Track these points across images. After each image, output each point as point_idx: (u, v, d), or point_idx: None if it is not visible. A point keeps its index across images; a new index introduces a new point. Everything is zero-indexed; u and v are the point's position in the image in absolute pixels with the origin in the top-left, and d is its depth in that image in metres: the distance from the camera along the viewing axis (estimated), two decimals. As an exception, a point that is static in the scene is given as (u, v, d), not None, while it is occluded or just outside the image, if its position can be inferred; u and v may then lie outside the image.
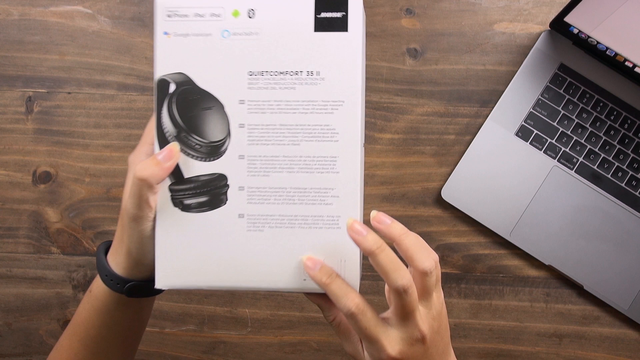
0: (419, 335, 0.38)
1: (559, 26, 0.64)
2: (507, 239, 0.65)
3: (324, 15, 0.41)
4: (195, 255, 0.42)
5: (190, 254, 0.42)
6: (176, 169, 0.41)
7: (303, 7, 0.41)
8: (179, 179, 0.42)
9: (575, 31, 0.63)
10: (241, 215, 0.41)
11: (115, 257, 0.43)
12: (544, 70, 0.66)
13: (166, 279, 0.42)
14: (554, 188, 0.65)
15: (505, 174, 0.65)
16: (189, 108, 0.41)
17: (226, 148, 0.41)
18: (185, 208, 0.42)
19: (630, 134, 0.65)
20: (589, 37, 0.63)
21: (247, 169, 0.41)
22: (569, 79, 0.66)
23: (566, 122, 0.65)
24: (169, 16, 0.41)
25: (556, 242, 0.64)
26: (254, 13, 0.41)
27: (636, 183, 0.65)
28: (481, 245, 0.66)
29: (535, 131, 0.65)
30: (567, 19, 0.63)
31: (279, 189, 0.41)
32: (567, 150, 0.65)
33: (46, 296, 0.68)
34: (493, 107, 0.66)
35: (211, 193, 0.41)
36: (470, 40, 0.67)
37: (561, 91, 0.66)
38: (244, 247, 0.42)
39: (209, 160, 0.42)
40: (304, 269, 0.41)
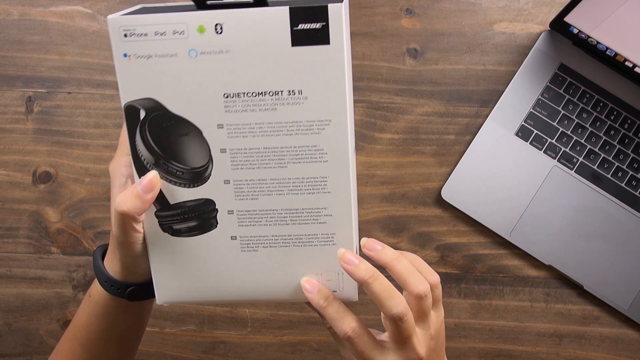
0: (417, 358, 0.38)
1: (559, 26, 0.64)
2: (507, 239, 0.65)
3: (301, 27, 0.36)
4: (192, 274, 0.41)
5: (187, 274, 0.41)
6: (160, 195, 0.39)
7: (277, 20, 0.36)
8: (164, 205, 0.40)
9: (575, 31, 0.63)
10: (233, 237, 0.40)
11: (112, 265, 0.43)
12: (544, 70, 0.66)
13: (166, 296, 0.42)
14: (554, 188, 0.65)
15: (505, 174, 0.65)
16: (164, 135, 0.38)
17: (210, 174, 0.39)
18: (175, 233, 0.40)
19: (630, 134, 0.65)
20: (589, 37, 0.63)
21: (233, 193, 0.39)
22: (569, 79, 0.66)
23: (566, 122, 0.65)
24: (125, 36, 0.37)
25: (556, 242, 0.64)
26: (221, 28, 0.36)
27: (636, 183, 0.65)
28: (481, 245, 0.66)
29: (535, 131, 0.65)
30: (567, 19, 0.63)
31: (269, 211, 0.39)
32: (567, 150, 0.65)
33: (46, 296, 0.68)
34: (493, 107, 0.66)
35: (200, 218, 0.40)
36: (470, 40, 0.67)
37: (561, 91, 0.66)
38: (240, 265, 0.41)
39: (193, 186, 0.39)
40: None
